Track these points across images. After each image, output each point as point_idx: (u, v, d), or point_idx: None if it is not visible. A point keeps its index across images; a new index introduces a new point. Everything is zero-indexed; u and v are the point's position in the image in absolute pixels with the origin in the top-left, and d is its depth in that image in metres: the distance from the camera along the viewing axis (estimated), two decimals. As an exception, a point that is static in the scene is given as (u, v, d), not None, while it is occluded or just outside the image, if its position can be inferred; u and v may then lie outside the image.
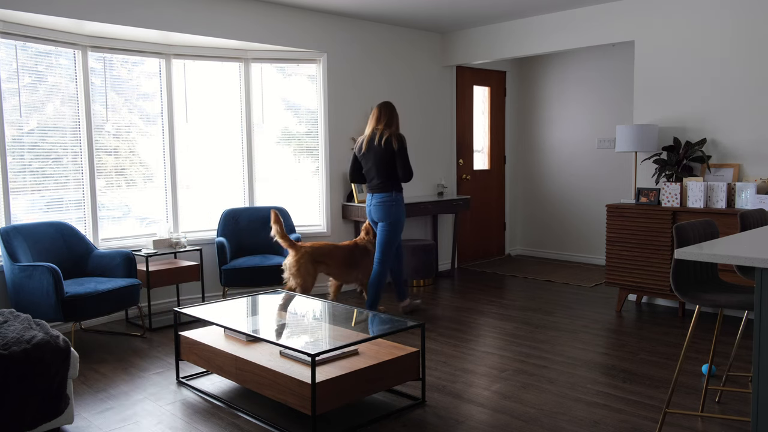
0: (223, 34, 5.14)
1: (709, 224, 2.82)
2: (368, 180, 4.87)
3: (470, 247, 7.34)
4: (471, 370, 3.81)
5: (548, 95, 7.42)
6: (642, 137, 5.01)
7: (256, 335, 3.29)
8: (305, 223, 5.90)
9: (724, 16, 4.81)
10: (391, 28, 6.30)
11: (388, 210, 4.77)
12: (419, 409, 3.24)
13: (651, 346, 4.18)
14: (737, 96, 4.79)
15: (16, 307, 4.11)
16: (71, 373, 2.94)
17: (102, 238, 5.02)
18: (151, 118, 5.29)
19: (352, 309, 3.88)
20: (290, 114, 5.92)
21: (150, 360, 4.06)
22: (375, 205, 4.81)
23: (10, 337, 2.79)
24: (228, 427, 3.06)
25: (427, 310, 5.20)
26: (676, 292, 2.64)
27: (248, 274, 4.99)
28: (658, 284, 4.86)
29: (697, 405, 3.15)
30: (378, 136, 4.74)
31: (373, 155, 4.75)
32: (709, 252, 2.19)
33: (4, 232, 4.23)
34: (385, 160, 4.71)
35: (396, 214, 4.78)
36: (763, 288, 2.07)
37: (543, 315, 5.01)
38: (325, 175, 5.92)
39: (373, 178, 4.80)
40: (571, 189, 7.26)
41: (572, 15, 5.71)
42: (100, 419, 3.17)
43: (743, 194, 4.55)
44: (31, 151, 4.63)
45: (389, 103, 4.85)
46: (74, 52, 4.80)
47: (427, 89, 6.65)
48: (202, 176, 5.57)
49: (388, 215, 4.77)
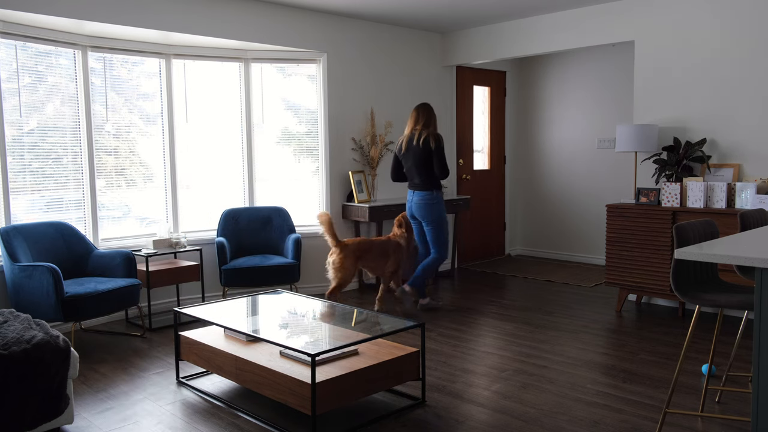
0: (223, 34, 5.13)
1: (709, 224, 2.82)
2: (409, 179, 5.20)
3: (470, 247, 7.34)
4: (471, 370, 3.80)
5: (548, 95, 7.42)
6: (642, 137, 5.01)
7: (256, 335, 3.29)
8: (305, 223, 5.90)
9: (725, 16, 4.81)
10: (391, 28, 6.29)
11: (429, 209, 5.09)
12: (419, 409, 3.24)
13: (651, 346, 4.18)
14: (737, 96, 4.79)
15: (16, 307, 4.11)
16: (71, 373, 2.94)
17: (102, 238, 5.02)
18: (151, 118, 5.29)
19: (352, 309, 3.88)
20: (290, 114, 5.92)
21: (150, 360, 4.06)
22: (416, 203, 5.13)
23: (10, 337, 2.79)
24: (228, 427, 3.06)
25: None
26: (676, 292, 2.64)
27: (248, 274, 4.99)
28: (658, 284, 4.86)
29: (697, 405, 3.15)
30: (416, 136, 5.04)
31: (412, 155, 5.05)
32: (709, 252, 2.19)
33: (4, 232, 4.23)
34: (424, 159, 5.00)
35: (437, 211, 5.10)
36: (763, 288, 2.07)
37: (543, 315, 5.01)
38: (325, 175, 5.92)
39: (414, 177, 5.12)
40: (571, 189, 7.26)
41: (572, 15, 5.71)
42: (100, 419, 3.16)
43: (743, 194, 4.55)
44: (31, 151, 4.63)
45: (427, 104, 5.17)
46: (74, 52, 4.80)
47: (427, 89, 6.65)
48: (202, 176, 5.57)
49: (429, 214, 5.09)
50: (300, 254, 5.23)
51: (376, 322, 3.68)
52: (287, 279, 5.11)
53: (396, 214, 5.96)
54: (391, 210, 5.88)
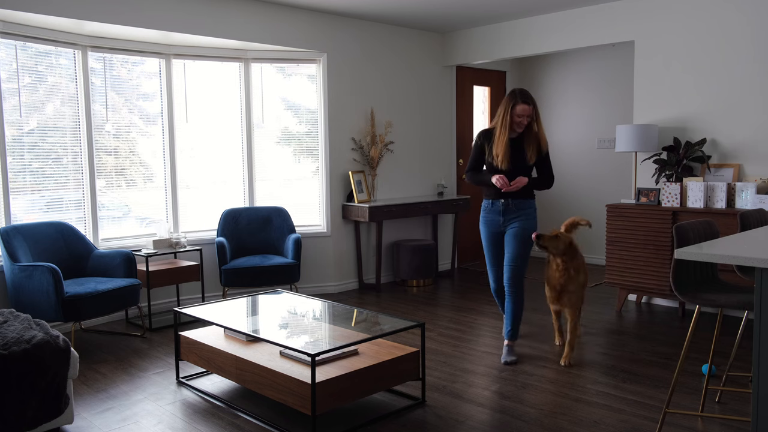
0: (223, 34, 5.13)
1: (709, 224, 2.82)
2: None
3: (470, 247, 7.34)
4: (471, 370, 3.80)
5: (548, 95, 7.42)
6: (642, 137, 5.00)
7: (256, 335, 3.29)
8: (305, 223, 5.90)
9: (724, 16, 4.81)
10: (391, 28, 6.29)
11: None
12: (419, 409, 3.24)
13: (651, 346, 4.18)
14: (737, 96, 4.79)
15: (16, 307, 4.10)
16: (71, 373, 2.94)
17: (102, 238, 5.02)
18: (151, 118, 5.28)
19: (352, 309, 3.88)
20: (290, 114, 5.92)
21: (150, 360, 4.06)
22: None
23: (10, 337, 2.79)
24: (228, 427, 3.06)
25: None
26: (676, 292, 2.64)
27: (248, 274, 4.99)
28: (658, 284, 4.86)
29: (697, 405, 3.15)
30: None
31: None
32: (709, 252, 2.19)
33: (4, 232, 4.23)
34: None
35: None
36: (763, 288, 2.06)
37: (543, 315, 5.00)
38: (325, 175, 5.91)
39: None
40: (571, 189, 7.26)
41: (572, 15, 5.71)
42: (100, 419, 3.16)
43: (743, 194, 4.55)
44: (31, 151, 4.63)
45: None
46: (74, 52, 4.80)
47: (427, 89, 6.65)
48: (202, 176, 5.57)
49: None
50: (300, 254, 5.23)
51: (376, 322, 3.68)
52: (287, 279, 5.11)
53: (396, 214, 5.96)
54: (391, 210, 5.88)
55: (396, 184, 6.40)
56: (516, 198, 3.93)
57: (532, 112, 3.82)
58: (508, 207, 3.95)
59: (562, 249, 3.89)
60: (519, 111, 3.79)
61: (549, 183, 4.04)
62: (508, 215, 3.96)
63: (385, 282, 6.29)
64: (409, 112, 6.47)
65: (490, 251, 4.09)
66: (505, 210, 3.96)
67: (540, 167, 4.01)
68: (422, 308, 5.28)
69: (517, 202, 3.94)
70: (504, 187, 3.81)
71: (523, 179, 3.84)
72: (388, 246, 6.37)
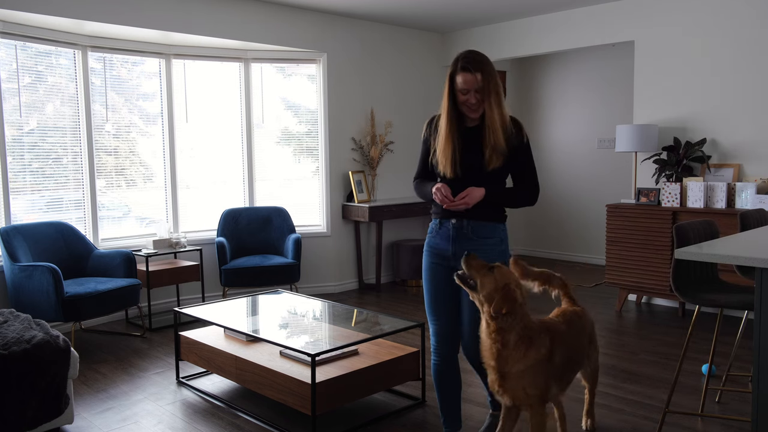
0: (223, 34, 5.13)
1: (709, 224, 2.82)
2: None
3: (470, 247, 7.33)
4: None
5: (548, 95, 7.42)
6: (642, 137, 5.00)
7: (256, 335, 3.29)
8: (305, 223, 5.90)
9: (724, 16, 4.81)
10: (390, 27, 6.29)
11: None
12: (419, 409, 3.23)
13: (651, 346, 4.18)
14: (737, 96, 4.79)
15: (16, 307, 4.10)
16: (71, 373, 2.94)
17: (102, 238, 5.01)
18: (151, 118, 5.28)
19: (352, 309, 3.88)
20: (290, 114, 5.92)
21: (150, 360, 4.06)
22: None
23: (10, 337, 2.79)
24: (228, 427, 3.06)
25: None
26: (676, 292, 2.64)
27: (248, 274, 4.99)
28: (658, 284, 4.86)
29: (697, 405, 3.15)
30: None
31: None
32: (709, 252, 2.19)
33: (4, 232, 4.23)
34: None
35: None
36: (763, 288, 2.06)
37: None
38: (325, 175, 5.91)
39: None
40: (571, 189, 7.25)
41: (572, 15, 5.71)
42: (100, 419, 3.16)
43: (743, 194, 4.55)
44: (31, 151, 4.63)
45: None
46: (74, 52, 4.80)
47: (427, 89, 6.64)
48: (202, 176, 5.57)
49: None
50: (300, 254, 5.23)
51: (376, 322, 3.68)
52: (287, 279, 5.11)
53: (396, 214, 5.95)
54: (391, 210, 5.88)
55: (396, 184, 6.39)
56: (474, 219, 2.55)
57: (482, 83, 2.57)
58: (462, 231, 2.56)
59: (490, 293, 2.27)
60: (461, 83, 2.58)
61: (528, 197, 2.61)
62: (461, 243, 2.56)
63: (385, 282, 6.29)
64: (409, 112, 6.47)
65: (432, 294, 2.67)
66: (458, 235, 2.57)
67: (516, 172, 2.61)
68: (422, 308, 5.27)
69: (476, 226, 2.55)
70: (444, 202, 2.49)
71: (477, 192, 2.46)
72: (388, 246, 6.36)
